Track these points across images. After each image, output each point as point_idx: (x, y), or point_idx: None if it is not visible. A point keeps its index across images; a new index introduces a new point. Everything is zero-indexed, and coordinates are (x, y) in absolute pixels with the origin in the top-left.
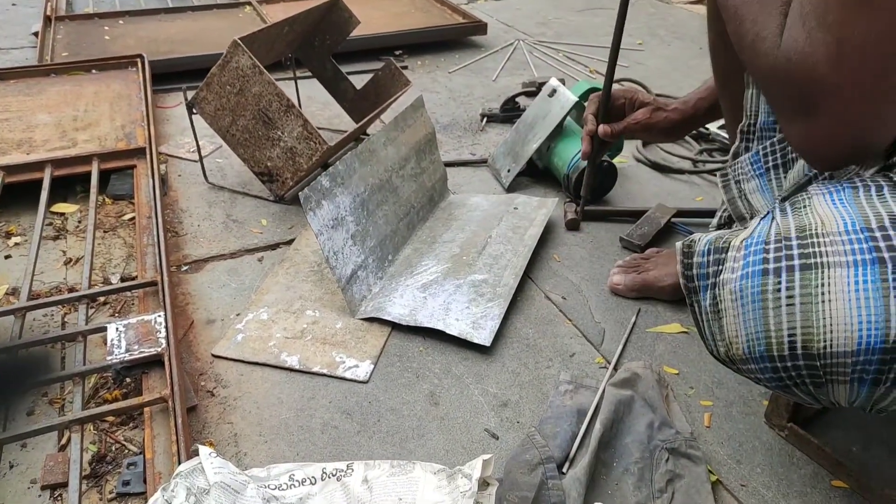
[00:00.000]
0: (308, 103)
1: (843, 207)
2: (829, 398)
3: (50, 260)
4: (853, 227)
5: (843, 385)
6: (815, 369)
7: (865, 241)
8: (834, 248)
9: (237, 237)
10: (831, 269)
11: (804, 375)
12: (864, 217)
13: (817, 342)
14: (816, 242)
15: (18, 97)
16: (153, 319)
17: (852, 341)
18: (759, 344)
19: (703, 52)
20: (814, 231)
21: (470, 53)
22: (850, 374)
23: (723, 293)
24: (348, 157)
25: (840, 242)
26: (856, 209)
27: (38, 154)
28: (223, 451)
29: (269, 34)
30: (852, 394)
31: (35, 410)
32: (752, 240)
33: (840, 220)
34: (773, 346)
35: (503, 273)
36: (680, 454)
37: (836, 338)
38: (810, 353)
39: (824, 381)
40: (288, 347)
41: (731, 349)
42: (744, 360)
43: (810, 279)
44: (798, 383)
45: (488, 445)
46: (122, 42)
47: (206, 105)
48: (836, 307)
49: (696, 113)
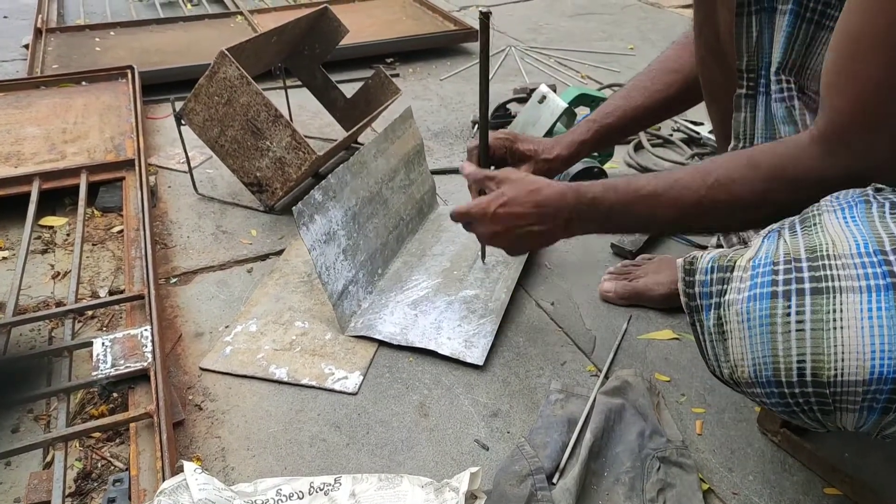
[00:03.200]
0: (299, 112)
1: (855, 227)
2: (836, 424)
3: (38, 274)
4: (866, 250)
5: (853, 413)
6: (825, 397)
7: (879, 264)
8: (846, 273)
9: (227, 248)
10: (843, 294)
11: (812, 403)
12: (877, 238)
13: (828, 370)
14: (828, 265)
15: (7, 110)
16: (139, 333)
17: (864, 371)
18: (766, 369)
19: None
20: (825, 253)
21: (461, 60)
22: (861, 402)
23: (728, 314)
24: (340, 170)
25: (853, 266)
26: (868, 229)
27: (27, 167)
28: (211, 465)
29: (258, 44)
30: (860, 421)
31: (20, 427)
32: (759, 260)
33: (853, 241)
34: (782, 372)
35: (495, 287)
36: (671, 463)
37: (848, 366)
38: (820, 380)
39: (833, 408)
40: (277, 360)
41: (736, 372)
42: (749, 384)
43: (822, 304)
44: (805, 410)
45: (478, 456)
46: (113, 53)
47: (195, 116)
48: (848, 335)
49: (578, 157)
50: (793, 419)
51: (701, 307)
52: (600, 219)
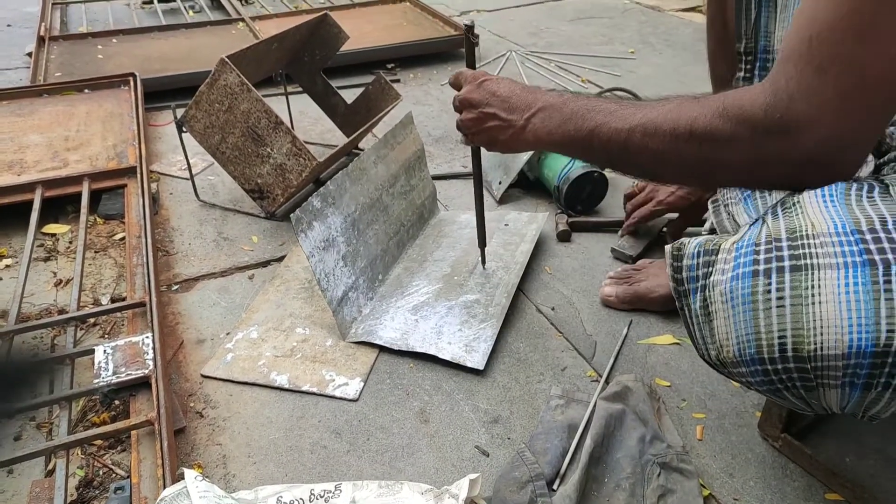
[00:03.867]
0: (300, 118)
1: (833, 209)
2: (821, 403)
3: (40, 282)
4: (843, 230)
5: (835, 389)
6: (806, 372)
7: (856, 243)
8: (824, 251)
9: (228, 255)
10: (822, 270)
11: (795, 378)
12: (854, 219)
13: (808, 344)
14: (807, 244)
15: (10, 118)
16: (141, 341)
17: (843, 344)
18: (749, 346)
19: (696, 59)
20: (804, 233)
21: (462, 65)
22: (842, 377)
23: (713, 295)
24: (339, 177)
25: (830, 244)
26: (846, 211)
27: (30, 175)
28: (212, 472)
29: (258, 51)
30: (843, 398)
31: (22, 435)
32: (742, 242)
33: (830, 222)
34: (764, 349)
35: (495, 292)
36: (672, 468)
37: (827, 340)
38: (801, 355)
39: (815, 384)
40: (278, 366)
41: (722, 352)
42: (734, 364)
43: (800, 280)
44: (789, 387)
45: (479, 463)
46: (115, 61)
47: (196, 123)
48: (826, 309)
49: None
50: (778, 399)
51: (688, 291)
52: (560, 117)
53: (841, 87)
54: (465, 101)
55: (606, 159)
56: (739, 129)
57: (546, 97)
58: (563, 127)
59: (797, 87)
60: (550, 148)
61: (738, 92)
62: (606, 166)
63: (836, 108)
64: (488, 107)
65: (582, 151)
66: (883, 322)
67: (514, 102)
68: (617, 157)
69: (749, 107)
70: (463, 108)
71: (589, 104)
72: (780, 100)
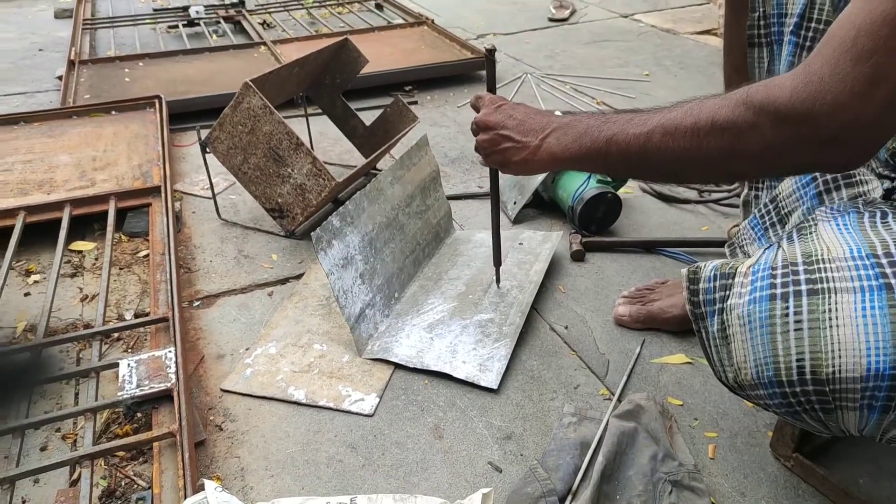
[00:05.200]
0: (320, 139)
1: (847, 234)
2: (839, 425)
3: (67, 297)
4: (859, 254)
5: (853, 412)
6: (825, 395)
7: (872, 267)
8: (841, 274)
9: (248, 272)
10: (838, 294)
11: (813, 401)
12: (869, 244)
13: (826, 367)
14: (823, 268)
15: (42, 139)
16: (164, 355)
17: (861, 367)
18: (767, 369)
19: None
20: (820, 257)
21: (479, 87)
22: (860, 399)
23: (731, 318)
24: (357, 197)
25: (847, 268)
26: (861, 236)
27: (59, 194)
28: (230, 485)
29: (280, 75)
30: (862, 421)
31: (48, 445)
32: (759, 266)
33: (846, 247)
34: (782, 371)
35: (509, 311)
36: (683, 486)
37: (845, 363)
38: (819, 378)
39: (833, 407)
40: (295, 381)
41: (740, 375)
42: (753, 386)
43: (818, 304)
44: (807, 409)
45: (492, 479)
46: (141, 83)
47: (219, 144)
48: (844, 332)
49: None
50: (796, 421)
51: (705, 314)
52: (574, 134)
53: (875, 77)
54: (482, 123)
55: (625, 167)
56: (762, 115)
57: (560, 119)
58: (578, 141)
59: (831, 71)
60: (566, 165)
61: (764, 81)
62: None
63: (866, 94)
64: (504, 129)
65: (599, 163)
66: None
67: (529, 125)
68: (636, 162)
69: (776, 91)
70: (480, 129)
71: (603, 118)
72: (811, 81)
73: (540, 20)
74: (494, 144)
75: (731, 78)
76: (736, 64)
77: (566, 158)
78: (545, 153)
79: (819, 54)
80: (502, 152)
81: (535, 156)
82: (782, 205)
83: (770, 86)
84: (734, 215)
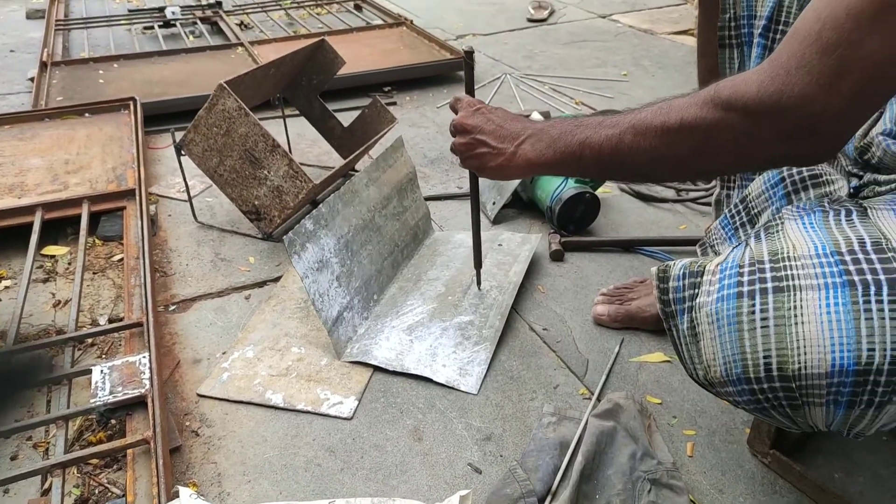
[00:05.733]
0: (297, 141)
1: (813, 232)
2: (807, 421)
3: (39, 302)
4: (824, 251)
5: (819, 407)
6: (791, 391)
7: (836, 264)
8: (805, 272)
9: (225, 275)
10: (803, 291)
11: (780, 398)
12: (834, 241)
13: (792, 364)
14: (789, 266)
15: (12, 142)
16: (138, 360)
17: (826, 363)
18: (735, 366)
19: (687, 81)
20: (786, 255)
21: (458, 88)
22: (825, 395)
23: (699, 316)
24: (331, 199)
25: (811, 266)
26: (826, 234)
27: (30, 198)
28: (207, 491)
29: (256, 76)
30: (828, 416)
31: (19, 454)
32: (726, 264)
33: (811, 244)
34: (750, 368)
35: (489, 313)
36: (662, 485)
37: (810, 359)
38: (785, 374)
39: (800, 402)
40: (273, 385)
41: (710, 372)
42: (722, 383)
43: (783, 301)
44: (775, 405)
45: (471, 480)
46: (116, 85)
47: (194, 146)
48: (808, 329)
49: None
50: (766, 417)
51: (675, 312)
52: (548, 139)
53: (840, 69)
54: (459, 126)
55: (599, 168)
56: (730, 111)
57: (535, 125)
58: (552, 146)
59: (798, 63)
60: (542, 170)
61: (731, 77)
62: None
63: (832, 85)
64: (480, 133)
65: (573, 166)
66: (864, 341)
67: (506, 131)
68: (609, 163)
69: (743, 87)
70: (457, 132)
71: (576, 122)
72: (778, 75)
73: (519, 21)
74: (471, 149)
75: (706, 79)
76: (710, 65)
77: (542, 164)
78: (521, 159)
79: (785, 48)
80: (478, 157)
81: (511, 162)
82: (752, 205)
83: (737, 81)
84: (710, 215)
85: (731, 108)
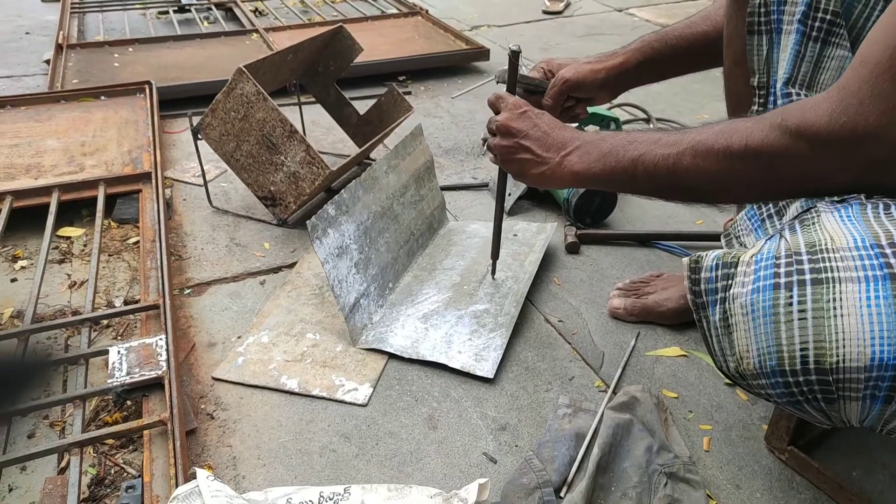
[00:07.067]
0: (312, 128)
1: (851, 225)
2: (841, 416)
3: (55, 283)
4: (863, 244)
5: (856, 402)
6: (828, 384)
7: (876, 257)
8: (845, 264)
9: (240, 260)
10: (843, 283)
11: (816, 391)
12: (873, 234)
13: (830, 356)
14: (827, 258)
15: (29, 123)
16: (154, 342)
17: (865, 356)
18: (770, 358)
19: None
20: (824, 247)
21: (473, 79)
22: (863, 389)
23: (733, 307)
24: (352, 185)
25: (851, 258)
26: (864, 226)
27: (46, 179)
28: (221, 474)
29: (274, 62)
30: (864, 411)
31: (35, 433)
32: (761, 255)
33: (850, 237)
34: (785, 361)
35: (504, 302)
36: (678, 478)
37: (849, 352)
38: (822, 367)
39: (836, 396)
40: (288, 370)
41: (742, 364)
42: (755, 376)
43: (822, 294)
44: (810, 399)
45: (486, 469)
46: (131, 69)
47: (211, 131)
48: (848, 322)
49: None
50: (797, 411)
51: (707, 303)
52: (598, 153)
53: None
54: (503, 128)
55: (651, 187)
56: (799, 140)
57: (584, 136)
58: (602, 161)
59: (870, 92)
60: (588, 183)
61: (797, 103)
62: (651, 195)
63: None
64: (525, 139)
65: (624, 183)
66: None
67: (552, 139)
68: (665, 182)
69: (811, 115)
70: (499, 133)
71: (629, 137)
72: (849, 104)
73: (534, 12)
74: (513, 153)
75: (732, 71)
76: (736, 57)
77: (588, 177)
78: (566, 171)
79: (855, 76)
80: (520, 162)
81: (555, 172)
82: None
83: (805, 108)
84: (729, 209)
85: (800, 136)
